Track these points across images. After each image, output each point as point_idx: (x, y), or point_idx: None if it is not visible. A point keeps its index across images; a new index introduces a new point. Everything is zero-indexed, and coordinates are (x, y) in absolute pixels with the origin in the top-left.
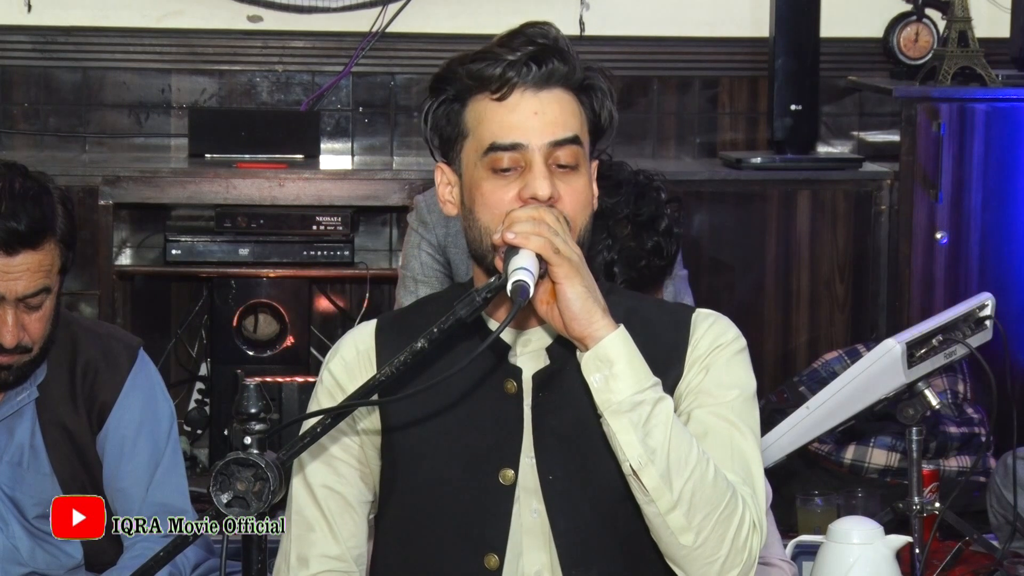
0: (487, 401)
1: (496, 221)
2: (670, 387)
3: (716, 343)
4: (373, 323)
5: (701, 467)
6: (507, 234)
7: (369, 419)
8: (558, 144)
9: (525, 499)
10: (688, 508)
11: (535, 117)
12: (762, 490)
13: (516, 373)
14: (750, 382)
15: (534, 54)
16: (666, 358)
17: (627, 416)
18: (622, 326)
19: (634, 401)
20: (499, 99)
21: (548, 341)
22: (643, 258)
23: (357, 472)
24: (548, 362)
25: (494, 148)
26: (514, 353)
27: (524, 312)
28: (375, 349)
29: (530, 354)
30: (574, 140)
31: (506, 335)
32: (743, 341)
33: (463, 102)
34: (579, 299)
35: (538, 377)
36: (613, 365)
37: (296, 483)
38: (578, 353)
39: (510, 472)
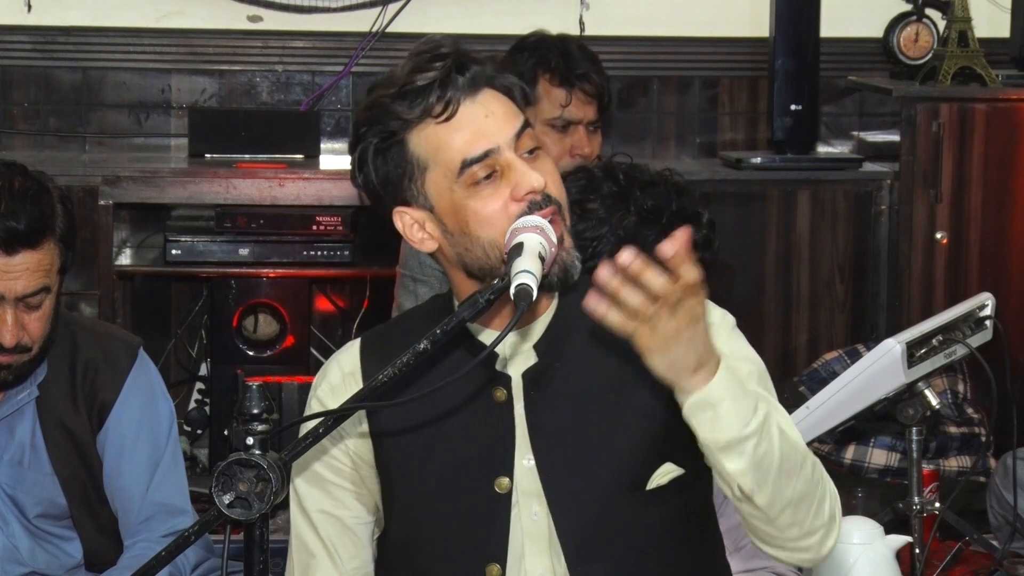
0: (476, 411)
1: (499, 231)
2: None
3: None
4: (357, 343)
5: (804, 469)
6: (591, 300)
7: (360, 442)
8: (519, 134)
9: (525, 503)
10: (795, 508)
11: (488, 120)
12: (811, 454)
13: (505, 380)
14: (755, 355)
15: (455, 64)
16: None
17: (735, 450)
18: (722, 367)
19: (742, 436)
20: (447, 119)
21: (535, 339)
22: (696, 251)
23: (352, 494)
24: (536, 359)
25: (468, 163)
26: (501, 357)
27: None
28: (361, 370)
29: (519, 354)
30: (528, 124)
31: (492, 340)
32: (731, 318)
33: (402, 139)
34: (660, 367)
35: (528, 376)
36: (717, 407)
37: (293, 510)
38: (676, 394)
39: (505, 480)
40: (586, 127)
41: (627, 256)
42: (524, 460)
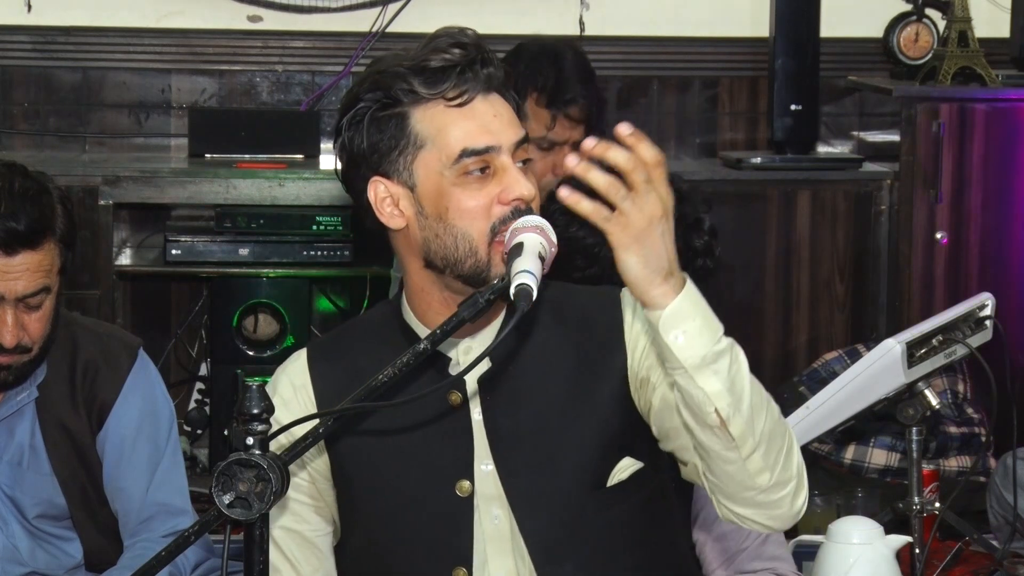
0: (432, 416)
1: (476, 227)
2: (619, 368)
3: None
4: (303, 355)
5: (771, 409)
6: (563, 190)
7: (316, 455)
8: (519, 143)
9: (484, 507)
10: (766, 448)
11: (496, 119)
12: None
13: (459, 384)
14: None
15: (479, 58)
16: (606, 341)
17: (711, 368)
18: (688, 281)
19: (716, 352)
20: (459, 105)
21: (488, 343)
22: (697, 258)
23: (311, 507)
24: (490, 364)
25: (467, 154)
26: (456, 363)
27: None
28: (311, 383)
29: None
30: (527, 138)
31: (446, 345)
32: None
33: (405, 112)
34: (634, 268)
35: (483, 381)
36: (690, 320)
37: None
38: (644, 311)
39: (466, 483)
40: (572, 146)
41: (589, 141)
42: (482, 465)
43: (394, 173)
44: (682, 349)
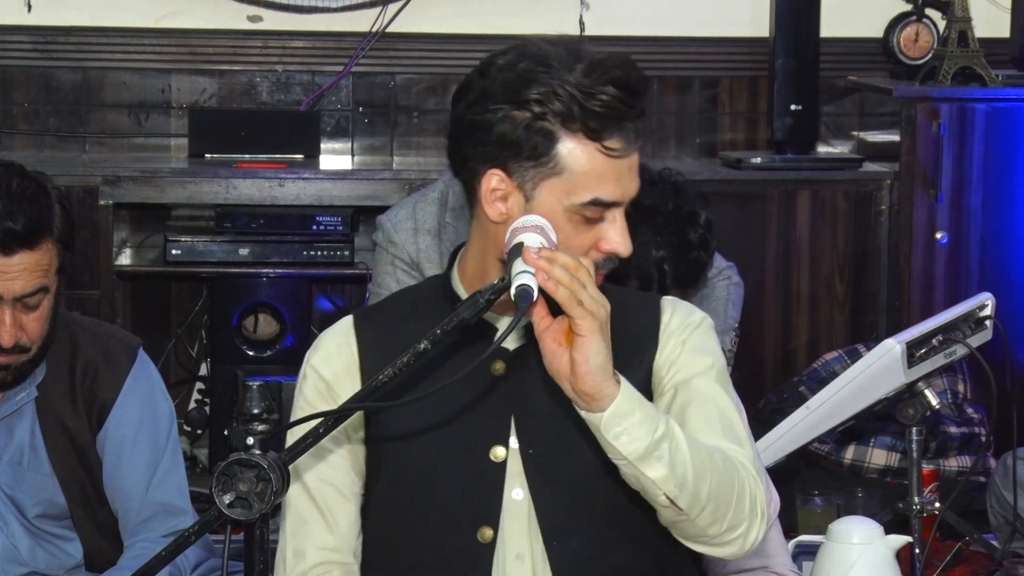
0: (474, 382)
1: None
2: (647, 364)
3: (687, 321)
4: (349, 318)
5: (714, 465)
6: (541, 274)
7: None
8: (631, 199)
9: (508, 482)
10: (715, 506)
11: (630, 174)
12: (748, 442)
13: (503, 353)
14: (721, 355)
15: (643, 112)
16: (641, 337)
17: (654, 456)
18: (622, 377)
19: (656, 440)
20: (611, 157)
21: (526, 320)
22: (691, 250)
23: (348, 462)
24: (524, 341)
25: (596, 203)
26: (498, 333)
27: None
28: (356, 341)
29: (512, 334)
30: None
31: (492, 316)
32: (710, 320)
33: (557, 132)
34: (598, 356)
35: (514, 355)
36: (632, 416)
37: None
38: (584, 413)
39: (501, 450)
40: None
41: (533, 251)
42: (511, 439)
43: (517, 176)
44: (625, 445)
